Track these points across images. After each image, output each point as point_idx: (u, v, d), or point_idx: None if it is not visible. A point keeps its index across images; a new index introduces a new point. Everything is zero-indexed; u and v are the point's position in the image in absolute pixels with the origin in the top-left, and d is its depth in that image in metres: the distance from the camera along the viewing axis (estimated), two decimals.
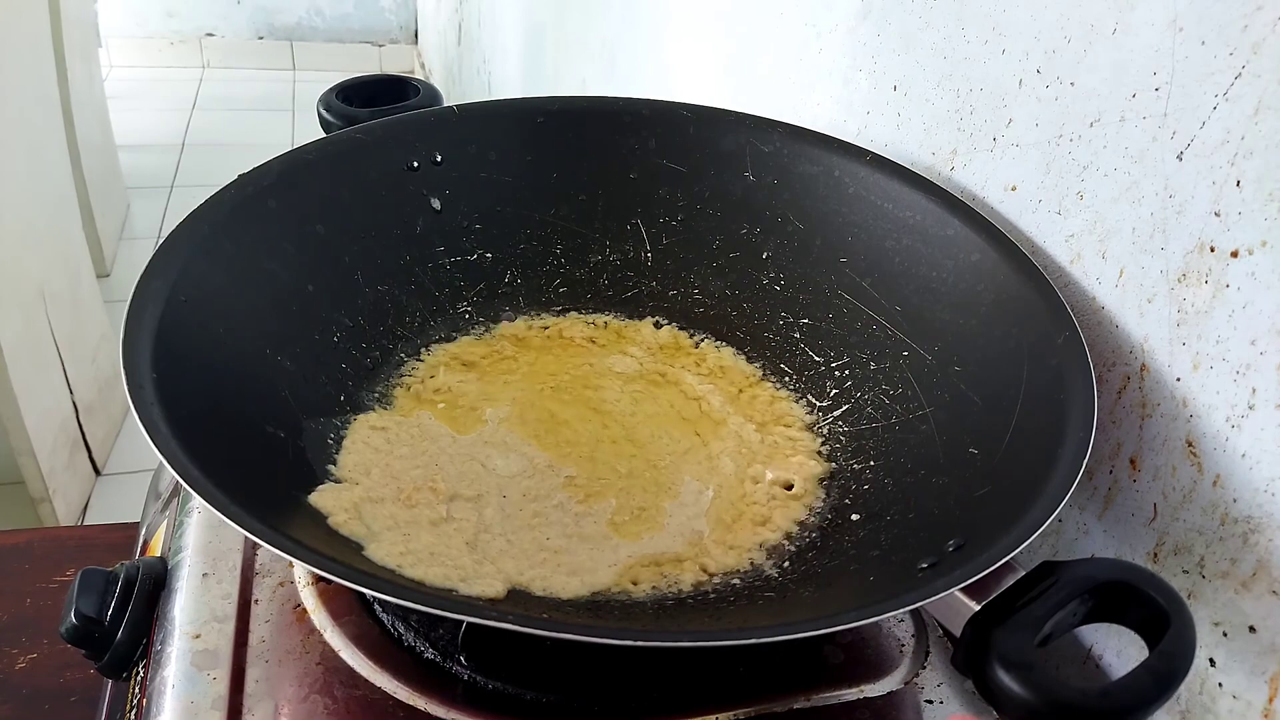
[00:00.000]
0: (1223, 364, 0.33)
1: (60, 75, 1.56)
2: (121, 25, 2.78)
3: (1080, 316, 0.39)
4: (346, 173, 0.47)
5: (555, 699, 0.35)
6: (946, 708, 0.37)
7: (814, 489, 0.43)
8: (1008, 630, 0.29)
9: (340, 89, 0.54)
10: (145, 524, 0.50)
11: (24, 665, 0.56)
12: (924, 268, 0.45)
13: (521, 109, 0.52)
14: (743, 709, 0.35)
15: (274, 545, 0.28)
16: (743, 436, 0.45)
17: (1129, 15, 0.36)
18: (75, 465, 1.39)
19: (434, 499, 0.39)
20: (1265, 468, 0.32)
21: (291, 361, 0.42)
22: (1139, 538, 0.37)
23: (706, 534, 0.40)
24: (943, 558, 0.33)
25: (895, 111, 0.51)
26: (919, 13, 0.48)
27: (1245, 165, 0.32)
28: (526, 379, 0.47)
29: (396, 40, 3.02)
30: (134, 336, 0.35)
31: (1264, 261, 0.31)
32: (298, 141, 0.70)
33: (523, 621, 0.27)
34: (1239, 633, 0.33)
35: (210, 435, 0.34)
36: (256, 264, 0.43)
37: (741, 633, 0.32)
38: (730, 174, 0.51)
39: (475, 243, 0.51)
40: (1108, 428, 0.38)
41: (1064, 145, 0.40)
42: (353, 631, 0.37)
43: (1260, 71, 0.31)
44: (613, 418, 0.45)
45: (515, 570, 0.37)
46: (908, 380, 0.44)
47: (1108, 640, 0.39)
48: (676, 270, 0.52)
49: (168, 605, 0.38)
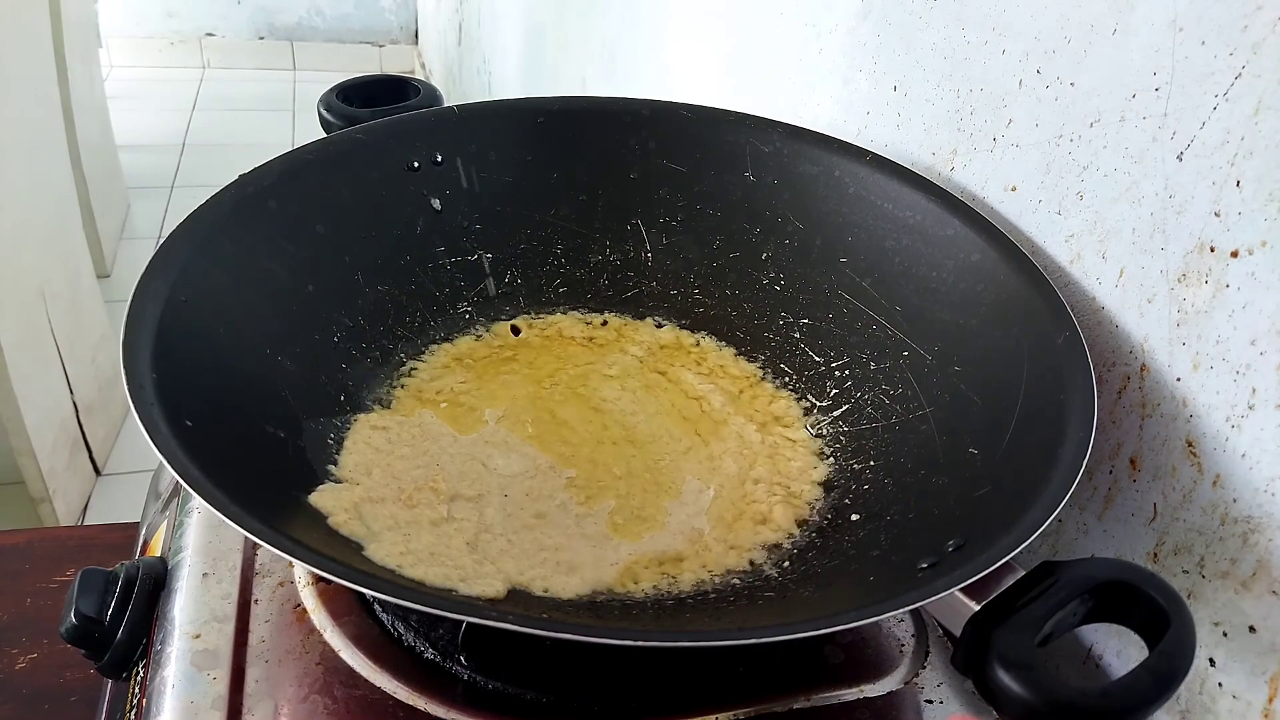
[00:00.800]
0: (1223, 364, 0.33)
1: (60, 75, 1.56)
2: (121, 25, 2.79)
3: (1080, 316, 0.39)
4: (346, 173, 0.47)
5: (555, 699, 0.35)
6: (946, 708, 0.37)
7: (814, 489, 0.43)
8: (1008, 630, 0.29)
9: (340, 89, 0.54)
10: (145, 524, 0.50)
11: (24, 665, 0.56)
12: (924, 268, 0.45)
13: (521, 109, 0.52)
14: (743, 709, 0.35)
15: (274, 545, 0.28)
16: (743, 436, 0.45)
17: (1129, 15, 0.36)
18: (75, 465, 1.39)
19: (435, 499, 0.39)
20: (1265, 468, 0.32)
21: (291, 361, 0.42)
22: (1139, 538, 0.37)
23: (707, 532, 0.40)
24: (943, 558, 0.33)
25: (895, 111, 0.51)
26: (919, 13, 0.48)
27: (1245, 165, 0.32)
28: (527, 379, 0.47)
29: (396, 40, 3.02)
30: (134, 336, 0.35)
31: (1264, 261, 0.31)
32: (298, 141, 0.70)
33: (523, 621, 0.27)
34: (1239, 633, 0.33)
35: (210, 435, 0.34)
36: (256, 264, 0.43)
37: (741, 633, 0.32)
38: (730, 174, 0.51)
39: (475, 243, 0.51)
40: (1108, 428, 0.38)
41: (1064, 145, 0.40)
42: (353, 631, 0.37)
43: (1260, 71, 0.31)
44: (613, 417, 0.45)
45: (515, 570, 0.37)
46: (908, 380, 0.44)
47: (1108, 640, 0.39)
48: (676, 270, 0.52)
49: (168, 605, 0.38)
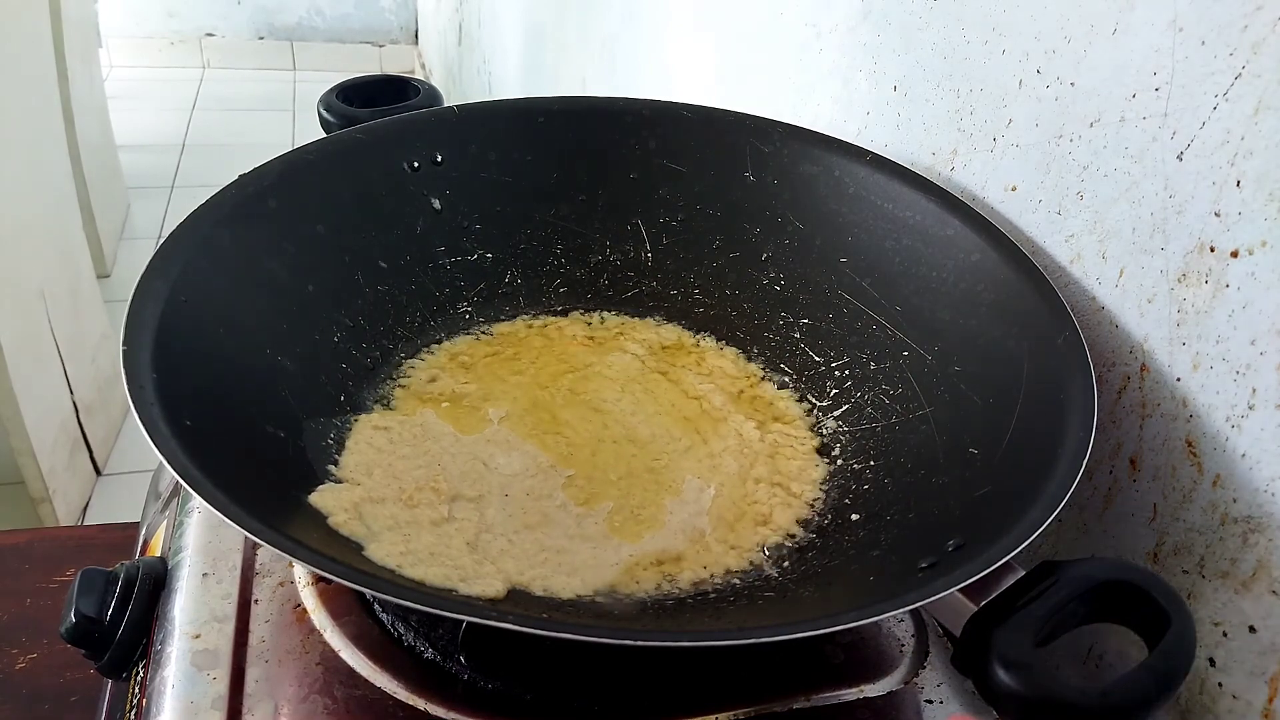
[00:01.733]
0: (1223, 364, 0.33)
1: (60, 75, 1.56)
2: (121, 25, 2.78)
3: (1080, 316, 0.39)
4: (346, 173, 0.47)
5: (555, 699, 0.35)
6: (946, 708, 0.37)
7: (814, 489, 0.43)
8: (1008, 630, 0.29)
9: (340, 89, 0.55)
10: (145, 524, 0.50)
11: (24, 665, 0.56)
12: (924, 268, 0.45)
13: (521, 109, 0.52)
14: (743, 709, 0.35)
15: (274, 545, 0.28)
16: (744, 435, 0.45)
17: (1129, 15, 0.36)
18: (75, 465, 1.39)
19: (436, 499, 0.39)
20: (1265, 468, 0.32)
21: (291, 361, 0.42)
22: (1139, 538, 0.37)
23: (709, 532, 0.40)
24: (943, 558, 0.33)
25: (895, 111, 0.51)
26: (919, 13, 0.48)
27: (1245, 165, 0.32)
28: (528, 379, 0.47)
29: (396, 40, 3.02)
30: (134, 336, 0.35)
31: (1264, 261, 0.31)
32: (298, 141, 0.70)
33: (522, 621, 0.27)
34: (1239, 633, 0.33)
35: (210, 435, 0.34)
36: (256, 264, 0.43)
37: (741, 633, 0.32)
38: (730, 174, 0.51)
39: (475, 243, 0.51)
40: (1108, 428, 0.38)
41: (1064, 145, 0.40)
42: (353, 631, 0.37)
43: (1260, 71, 0.31)
44: (614, 417, 0.45)
45: (515, 570, 0.37)
46: (908, 380, 0.44)
47: (1108, 640, 0.39)
48: (676, 270, 0.52)
49: (168, 605, 0.38)
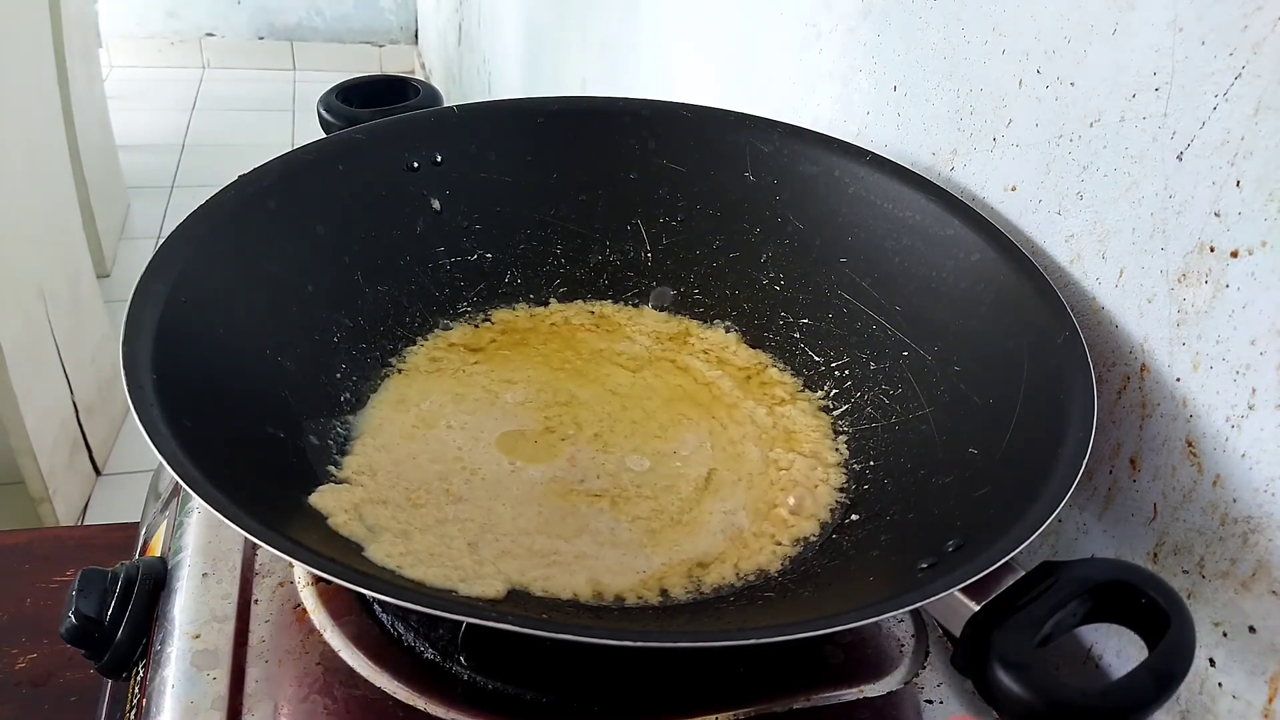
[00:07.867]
0: (1223, 364, 0.33)
1: (60, 75, 1.56)
2: (121, 25, 2.78)
3: (1080, 316, 0.39)
4: (346, 173, 0.47)
5: (555, 699, 0.35)
6: (946, 708, 0.37)
7: (837, 472, 0.43)
8: (1007, 630, 0.29)
9: (340, 89, 0.54)
10: (145, 524, 0.50)
11: (24, 665, 0.56)
12: (924, 268, 0.45)
13: (521, 109, 0.52)
14: (743, 709, 0.35)
15: (274, 546, 0.28)
16: (756, 420, 0.45)
17: (1129, 15, 0.36)
18: (75, 465, 1.39)
19: (439, 499, 0.39)
20: (1265, 468, 0.32)
21: (291, 362, 0.42)
22: (1139, 538, 0.37)
23: (747, 528, 0.40)
24: (943, 558, 0.33)
25: (895, 111, 0.51)
26: (919, 13, 0.48)
27: (1245, 165, 0.32)
28: (540, 364, 0.48)
29: (396, 40, 3.02)
30: (134, 336, 0.35)
31: (1264, 261, 0.31)
32: (298, 141, 0.70)
33: (522, 622, 0.27)
34: (1239, 633, 0.33)
35: (210, 435, 0.34)
36: (256, 264, 0.43)
37: (741, 633, 0.32)
38: (730, 174, 0.51)
39: (475, 243, 0.51)
40: (1108, 428, 0.38)
41: (1064, 145, 0.40)
42: (353, 631, 0.37)
43: (1260, 71, 0.31)
44: (632, 399, 0.46)
45: (515, 571, 0.37)
46: (908, 380, 0.44)
47: (1108, 640, 0.39)
48: (676, 270, 0.52)
49: (168, 605, 0.38)
